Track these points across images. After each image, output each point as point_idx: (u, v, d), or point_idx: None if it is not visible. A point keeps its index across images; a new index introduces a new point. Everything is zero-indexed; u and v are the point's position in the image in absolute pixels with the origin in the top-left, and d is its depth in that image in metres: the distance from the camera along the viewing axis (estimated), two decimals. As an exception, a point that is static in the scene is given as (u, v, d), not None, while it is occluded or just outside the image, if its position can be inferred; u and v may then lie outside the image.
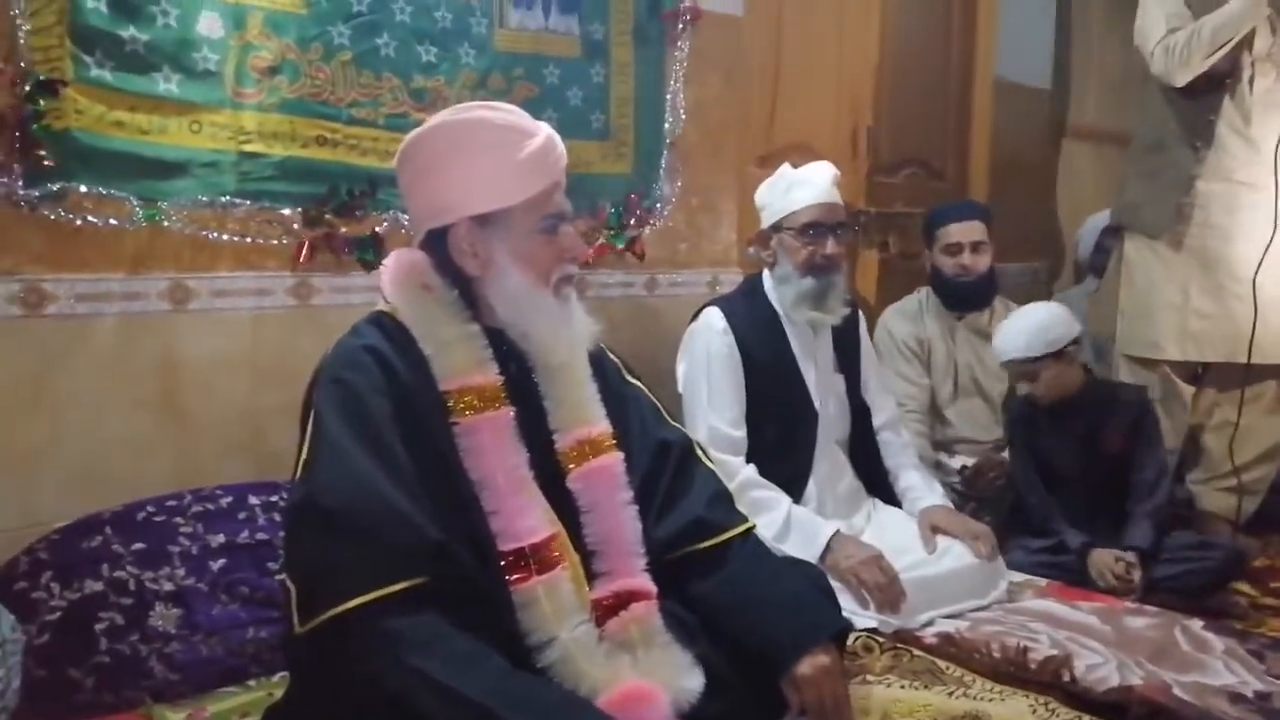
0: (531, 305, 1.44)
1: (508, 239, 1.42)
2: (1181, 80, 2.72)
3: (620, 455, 1.49)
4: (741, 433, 2.20)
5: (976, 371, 2.89)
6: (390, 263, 1.50)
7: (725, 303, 2.32)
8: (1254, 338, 2.70)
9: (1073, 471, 2.50)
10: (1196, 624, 2.05)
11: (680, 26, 2.64)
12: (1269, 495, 2.90)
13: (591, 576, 1.44)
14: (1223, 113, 2.73)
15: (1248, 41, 2.68)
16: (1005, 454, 2.75)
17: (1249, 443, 2.84)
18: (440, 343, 1.40)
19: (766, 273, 2.33)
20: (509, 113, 1.46)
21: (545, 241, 1.45)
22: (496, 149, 1.41)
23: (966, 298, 2.87)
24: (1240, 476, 2.83)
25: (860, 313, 2.47)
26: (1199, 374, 2.88)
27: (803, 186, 2.25)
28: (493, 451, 1.37)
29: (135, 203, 1.82)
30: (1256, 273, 2.70)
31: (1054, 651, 1.88)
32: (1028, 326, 2.47)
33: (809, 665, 1.42)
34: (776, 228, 2.28)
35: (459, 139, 1.42)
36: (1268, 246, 2.69)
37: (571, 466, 1.46)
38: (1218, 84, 2.72)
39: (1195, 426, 2.91)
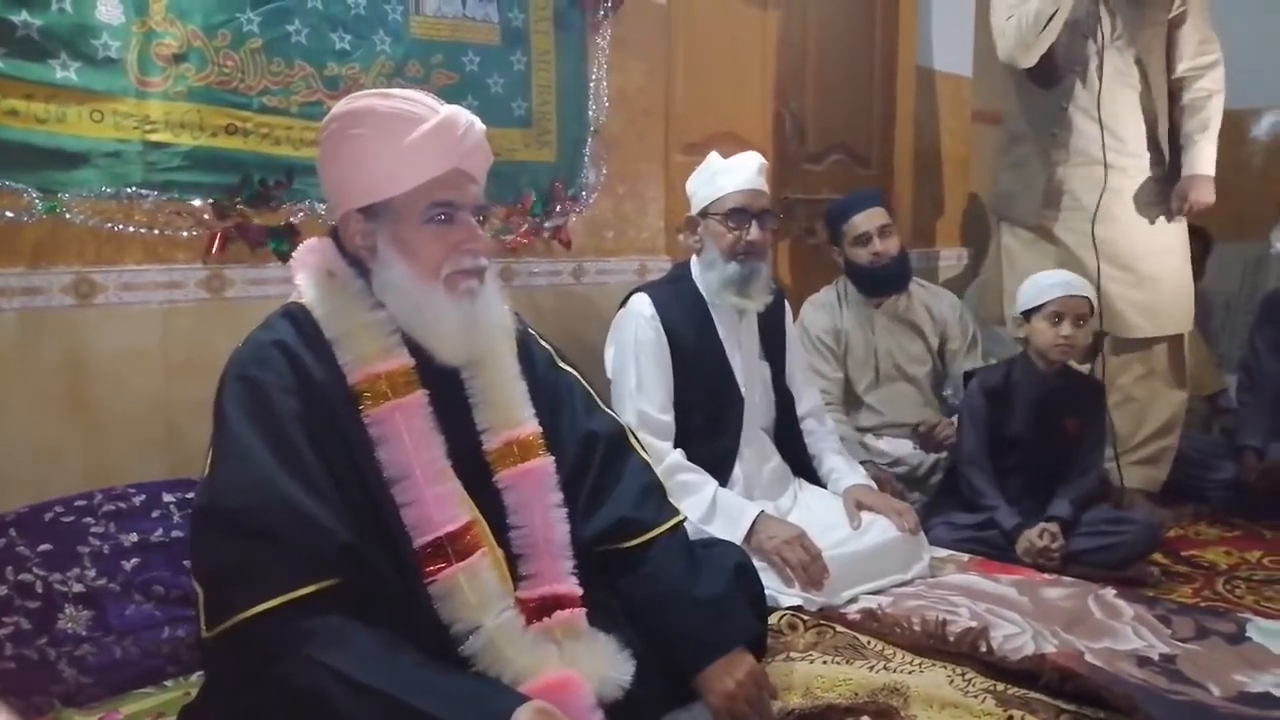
0: (417, 299, 1.39)
1: (392, 229, 1.39)
2: (1025, 61, 2.84)
3: (550, 460, 1.48)
4: (669, 417, 2.21)
5: (898, 357, 2.93)
6: (300, 252, 1.48)
7: (653, 289, 2.33)
8: (1101, 305, 2.80)
9: (1025, 448, 2.55)
10: (1109, 592, 2.12)
11: (601, 13, 2.63)
12: (1176, 465, 3.01)
13: (517, 577, 1.43)
14: (1075, 99, 2.86)
15: (1091, 28, 2.79)
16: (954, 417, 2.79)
17: (1149, 416, 2.95)
18: (345, 330, 1.37)
19: (694, 259, 2.34)
20: (404, 100, 1.40)
21: (435, 232, 1.39)
22: (374, 139, 1.37)
23: (885, 282, 2.90)
24: (1142, 450, 2.94)
25: (786, 302, 2.50)
26: (1095, 351, 2.99)
27: (728, 174, 2.26)
28: (407, 439, 1.35)
29: (34, 194, 1.76)
30: (1093, 227, 2.82)
31: (973, 623, 1.92)
32: (1069, 275, 2.57)
33: (721, 677, 1.44)
34: (703, 214, 2.29)
35: (344, 129, 1.39)
36: (1099, 201, 2.81)
37: (499, 469, 1.45)
38: (1066, 72, 2.85)
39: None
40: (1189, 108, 2.89)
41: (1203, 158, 2.86)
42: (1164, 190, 2.91)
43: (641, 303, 2.27)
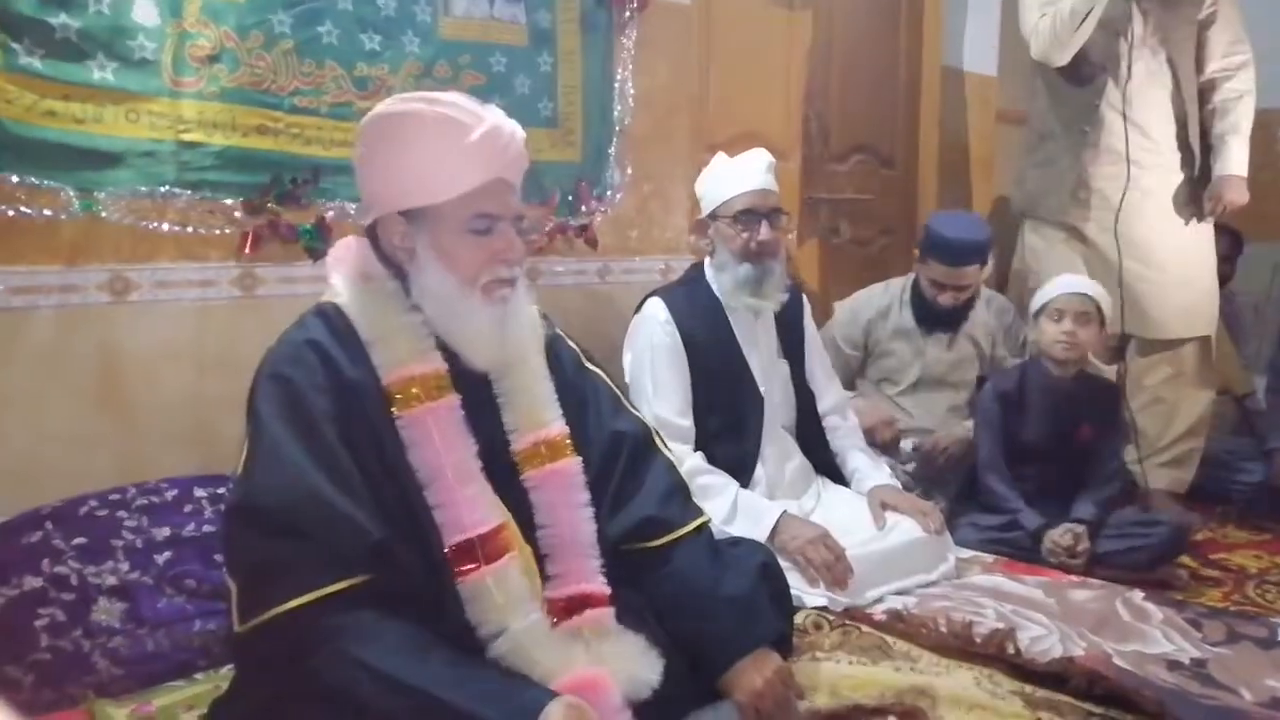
0: (454, 306, 1.39)
1: (432, 235, 1.38)
2: (1059, 60, 2.83)
3: (578, 460, 1.48)
4: (688, 421, 2.20)
5: (946, 364, 2.88)
6: (336, 250, 1.49)
7: (667, 292, 2.32)
8: (1123, 306, 2.80)
9: (1039, 454, 2.54)
10: (1137, 595, 2.10)
11: (627, 14, 2.64)
12: (1203, 467, 2.98)
13: (545, 577, 1.43)
14: (1106, 97, 2.85)
15: (1124, 28, 2.78)
16: (958, 433, 2.76)
17: (1177, 417, 2.93)
18: (381, 332, 1.38)
19: (707, 261, 2.34)
20: (448, 106, 1.39)
21: (475, 242, 1.39)
22: (421, 144, 1.36)
23: (938, 322, 2.84)
24: (1169, 451, 2.92)
25: (805, 298, 2.48)
26: (1121, 352, 2.97)
27: (735, 174, 2.25)
28: (439, 442, 1.36)
29: (71, 193, 1.79)
30: (1116, 222, 2.82)
31: (999, 625, 1.91)
32: (1076, 277, 2.59)
33: (748, 675, 1.44)
34: (713, 216, 2.28)
35: (388, 132, 1.39)
36: (1122, 197, 2.82)
37: (527, 469, 1.45)
38: (1099, 70, 2.84)
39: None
40: (1220, 109, 2.88)
41: (1235, 158, 2.85)
42: (1193, 191, 2.89)
43: (656, 307, 2.27)
